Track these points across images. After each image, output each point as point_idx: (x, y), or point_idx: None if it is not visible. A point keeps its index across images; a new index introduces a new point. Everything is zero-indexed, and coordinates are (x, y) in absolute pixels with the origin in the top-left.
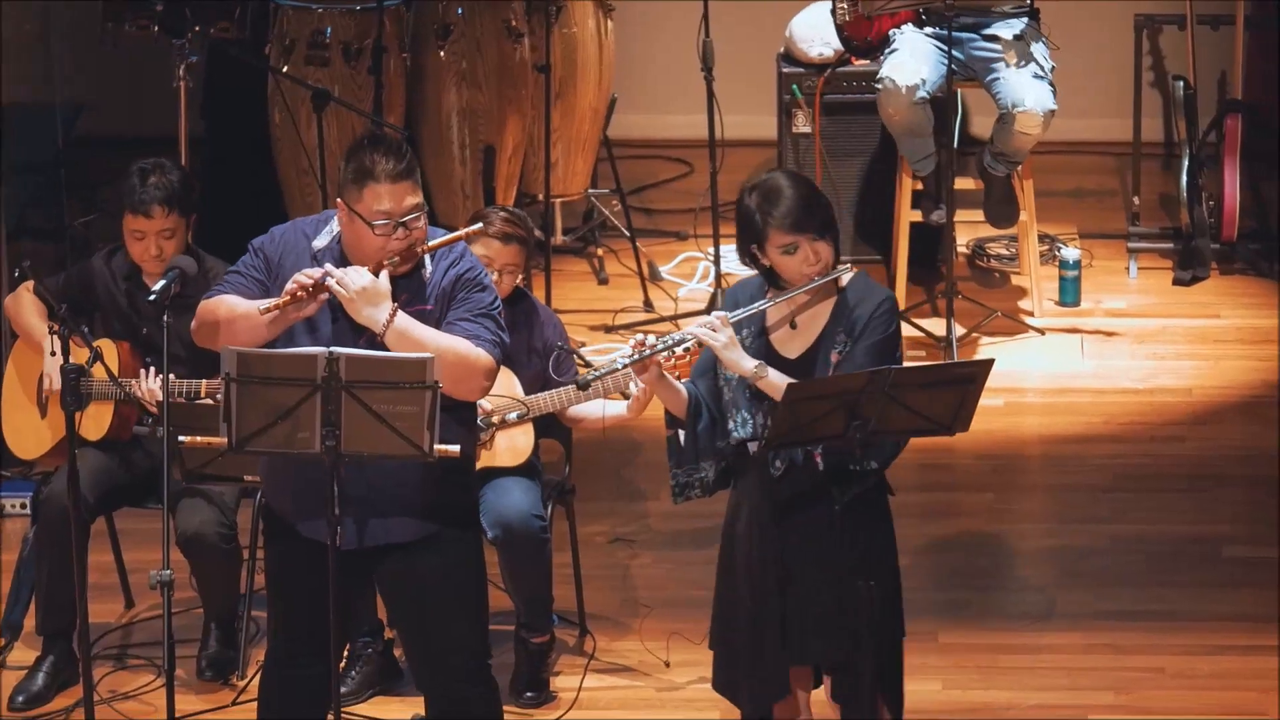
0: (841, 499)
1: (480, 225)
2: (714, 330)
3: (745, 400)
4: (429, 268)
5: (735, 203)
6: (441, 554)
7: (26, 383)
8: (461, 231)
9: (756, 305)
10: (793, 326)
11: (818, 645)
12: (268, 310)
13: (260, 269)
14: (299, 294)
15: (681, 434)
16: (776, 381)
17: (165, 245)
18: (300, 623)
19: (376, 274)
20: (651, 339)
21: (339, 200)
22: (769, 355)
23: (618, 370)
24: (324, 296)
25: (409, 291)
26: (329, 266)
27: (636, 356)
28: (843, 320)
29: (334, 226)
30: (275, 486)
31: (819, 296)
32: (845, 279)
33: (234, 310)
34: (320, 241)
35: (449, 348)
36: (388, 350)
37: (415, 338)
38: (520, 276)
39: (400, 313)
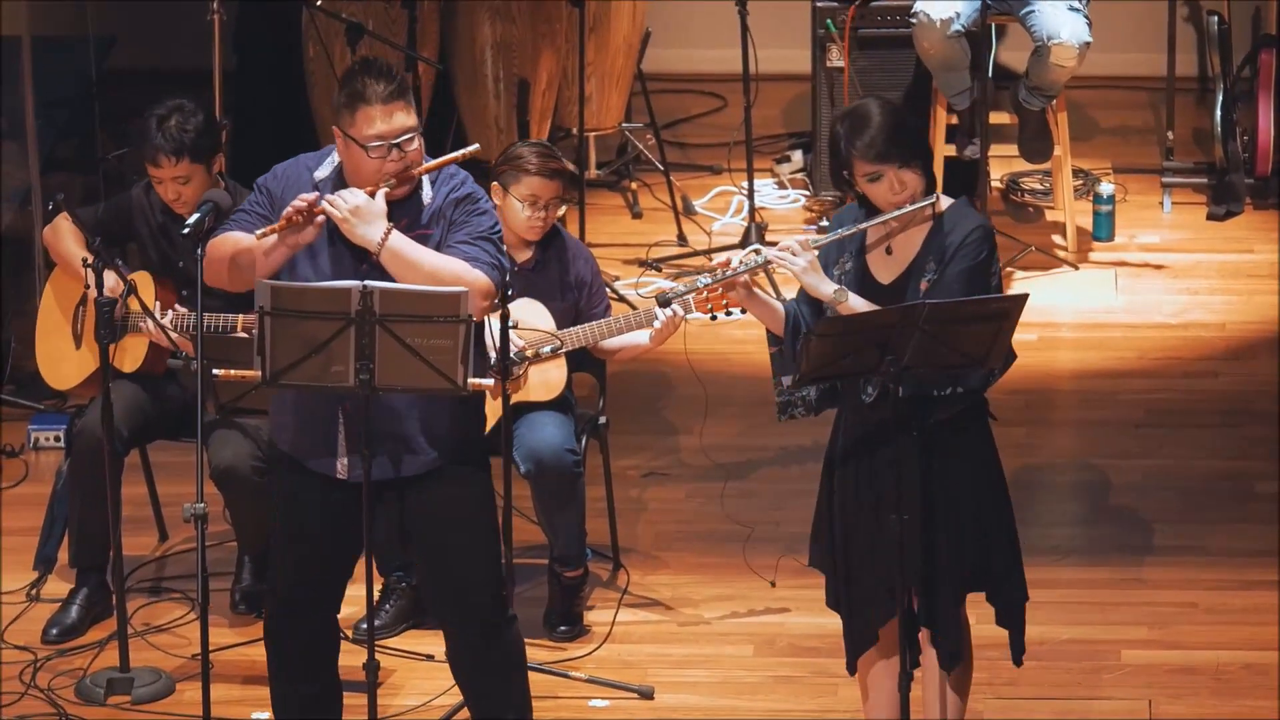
0: (920, 425)
1: (476, 146)
2: (794, 254)
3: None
4: (428, 191)
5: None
6: (452, 487)
7: (64, 312)
8: (457, 153)
9: (839, 231)
10: (888, 252)
11: (905, 573)
12: (264, 235)
13: (264, 205)
14: (294, 218)
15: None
16: (857, 307)
17: (183, 190)
18: (312, 558)
19: (372, 196)
20: (736, 259)
21: (334, 128)
22: (864, 279)
23: (699, 289)
24: (320, 220)
25: (408, 215)
26: (326, 176)
27: (721, 275)
28: (934, 248)
29: (335, 157)
30: (281, 424)
31: (914, 223)
32: (943, 204)
33: (238, 244)
34: (322, 172)
35: (444, 268)
36: (385, 273)
37: (409, 258)
38: (560, 206)
39: (395, 232)
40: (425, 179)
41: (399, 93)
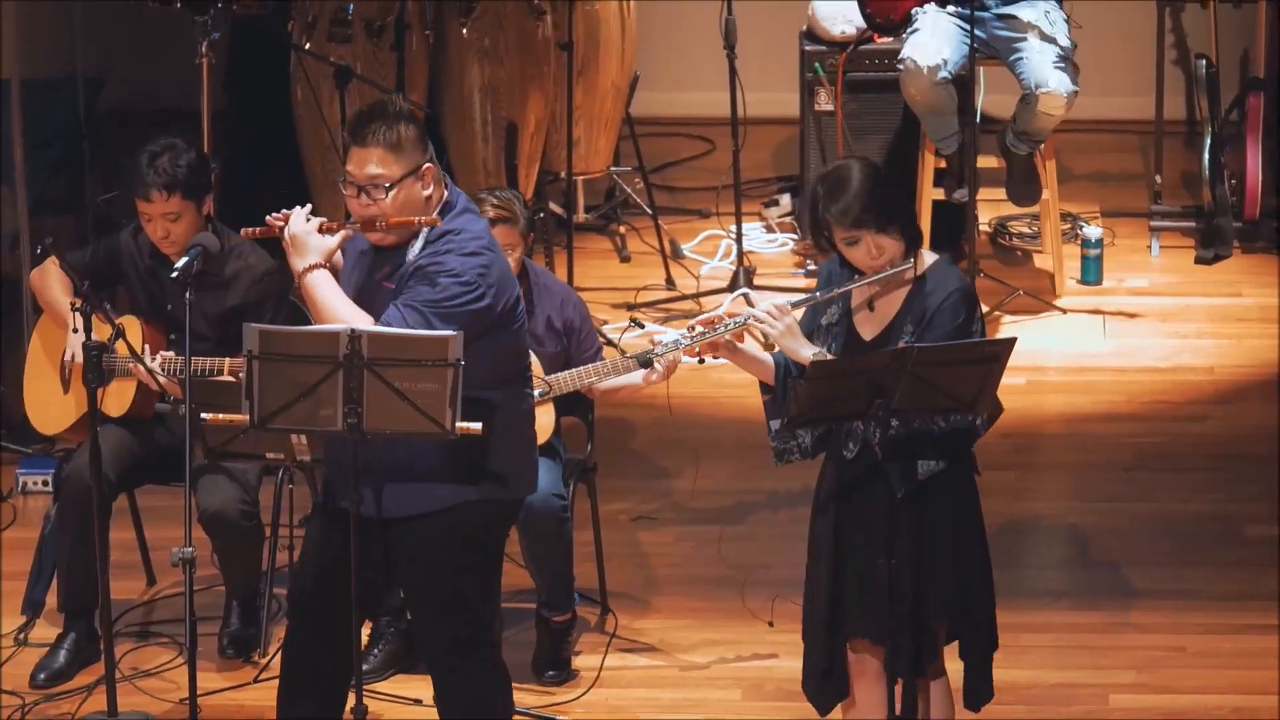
0: (902, 487)
1: (436, 216)
2: (774, 317)
3: None
4: (415, 249)
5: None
6: (450, 527)
7: (51, 357)
8: (414, 219)
9: (817, 295)
10: (870, 309)
11: (862, 623)
12: (248, 234)
13: None
14: (272, 225)
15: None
16: None
17: (172, 228)
18: (310, 588)
19: (326, 231)
20: (722, 308)
21: None
22: (849, 335)
23: (682, 347)
24: (343, 234)
25: (390, 267)
26: (301, 209)
27: (701, 335)
28: (914, 308)
29: None
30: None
31: (895, 282)
32: (926, 260)
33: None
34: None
35: (340, 318)
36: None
37: (315, 297)
38: (518, 255)
39: (317, 271)
40: (421, 237)
41: (382, 140)
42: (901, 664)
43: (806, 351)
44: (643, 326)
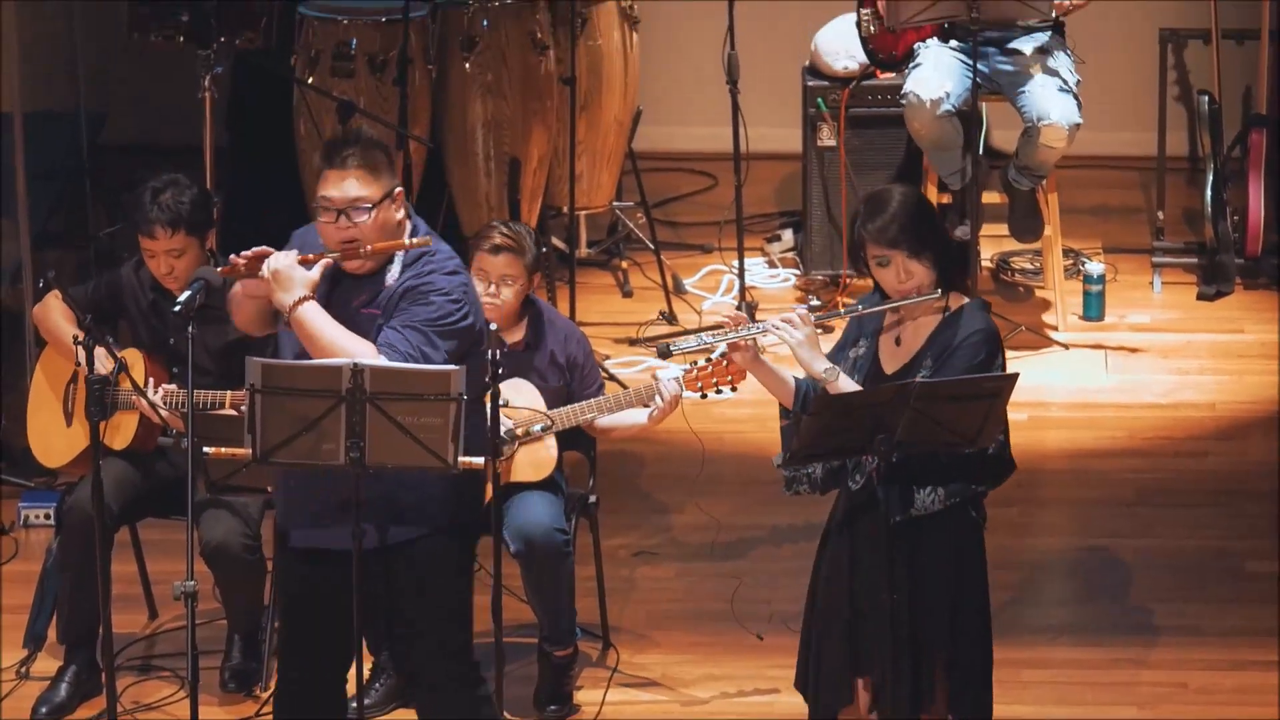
0: (894, 515)
1: (428, 238)
2: (793, 325)
3: None
4: (394, 273)
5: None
6: (428, 558)
7: (54, 390)
8: (405, 242)
9: (842, 313)
10: (897, 342)
11: (868, 659)
12: (223, 273)
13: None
14: (238, 264)
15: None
16: (843, 388)
17: (175, 264)
18: (304, 635)
19: (310, 265)
20: (744, 317)
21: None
22: (873, 365)
23: (702, 345)
24: (262, 271)
25: (366, 293)
26: (266, 248)
27: (722, 334)
28: (936, 345)
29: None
30: (278, 499)
31: (924, 314)
32: (958, 303)
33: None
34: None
35: (341, 348)
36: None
37: (310, 330)
38: (520, 288)
39: (309, 304)
40: (398, 260)
41: (360, 162)
42: (898, 703)
43: (819, 365)
44: (672, 322)
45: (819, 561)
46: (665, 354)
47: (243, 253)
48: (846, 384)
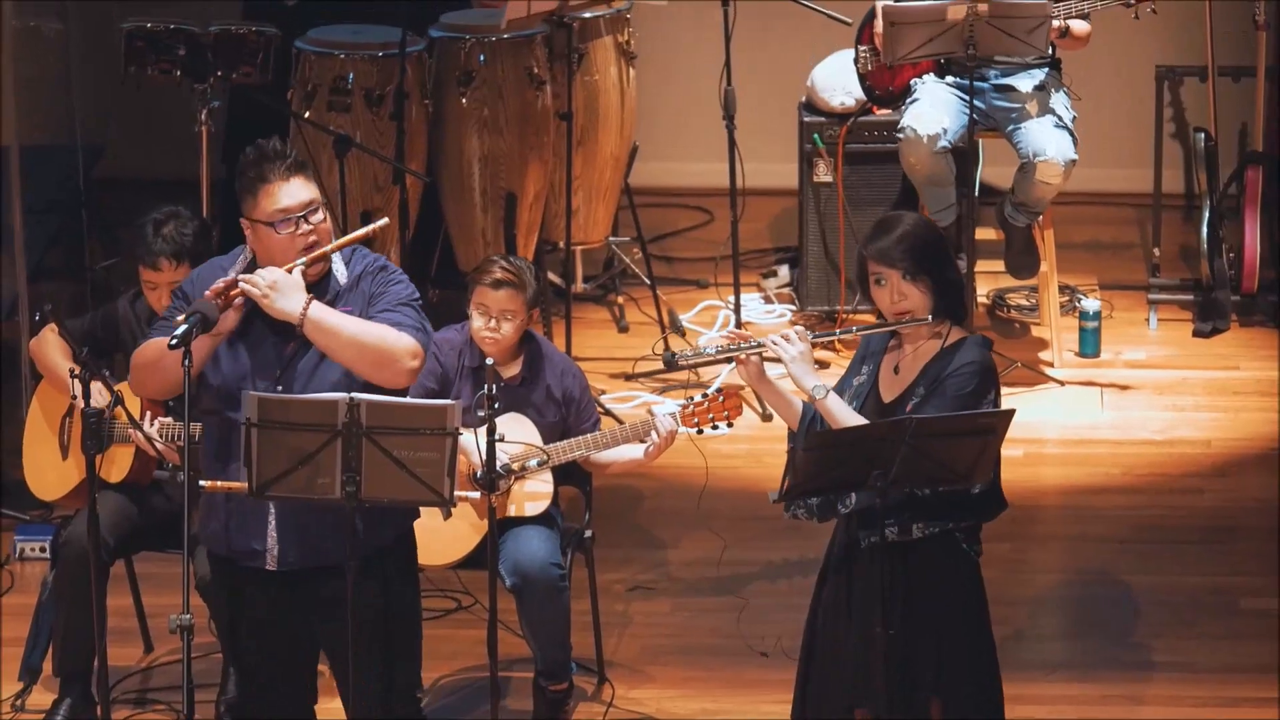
0: (868, 538)
1: (385, 221)
2: (788, 341)
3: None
4: (341, 271)
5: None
6: (374, 580)
7: (50, 423)
8: (365, 229)
9: (838, 333)
10: (895, 371)
11: (865, 692)
12: (178, 323)
13: (183, 310)
14: (213, 302)
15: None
16: (833, 408)
17: None
18: (254, 660)
19: (289, 274)
20: (745, 334)
21: (242, 221)
22: (872, 392)
23: (706, 357)
24: (239, 303)
25: (323, 296)
26: (237, 272)
27: (726, 348)
28: (930, 374)
29: (246, 251)
30: (207, 520)
31: (922, 344)
32: (957, 337)
33: (161, 347)
34: (234, 271)
35: (367, 332)
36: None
37: (331, 326)
38: (520, 323)
39: (315, 303)
40: (338, 260)
41: (296, 167)
42: None
43: (810, 382)
44: (682, 334)
45: (818, 593)
46: (671, 364)
47: (208, 290)
48: (835, 403)
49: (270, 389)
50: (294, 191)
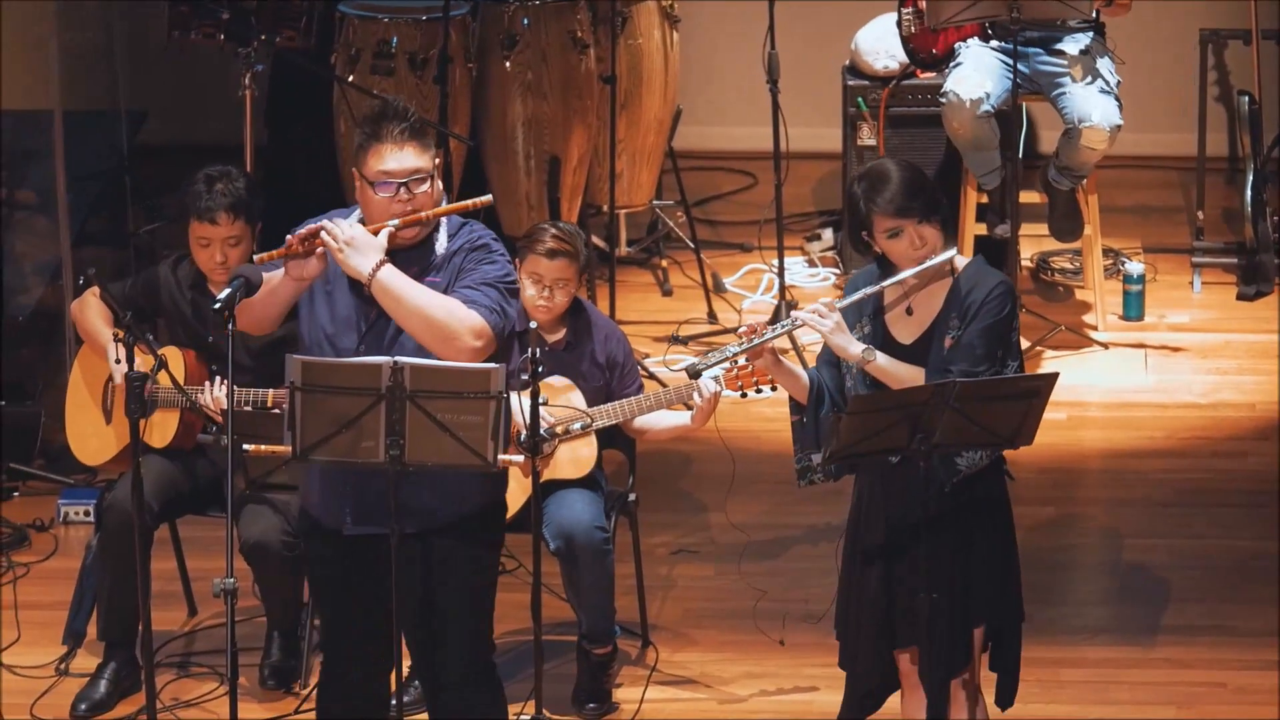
0: (948, 482)
1: (489, 197)
2: (821, 315)
3: (866, 389)
4: (443, 241)
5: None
6: (452, 548)
7: (92, 388)
8: (468, 201)
9: (863, 291)
10: (909, 312)
11: (911, 631)
12: (263, 260)
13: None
14: (295, 245)
15: (804, 419)
16: (885, 366)
17: (230, 253)
18: (343, 623)
19: (376, 234)
20: (764, 322)
21: (353, 170)
22: (885, 340)
23: (729, 358)
24: (321, 250)
25: (418, 263)
26: (325, 220)
27: (747, 344)
28: (956, 305)
29: (359, 210)
30: (306, 485)
31: (933, 281)
32: (960, 264)
33: (267, 284)
34: (349, 225)
35: (433, 303)
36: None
37: (397, 291)
38: (571, 290)
39: (389, 266)
40: (443, 229)
41: (413, 133)
42: (939, 667)
43: (855, 349)
44: (685, 344)
45: (850, 547)
46: (695, 374)
47: (297, 231)
48: (885, 360)
49: (355, 348)
50: (402, 157)
